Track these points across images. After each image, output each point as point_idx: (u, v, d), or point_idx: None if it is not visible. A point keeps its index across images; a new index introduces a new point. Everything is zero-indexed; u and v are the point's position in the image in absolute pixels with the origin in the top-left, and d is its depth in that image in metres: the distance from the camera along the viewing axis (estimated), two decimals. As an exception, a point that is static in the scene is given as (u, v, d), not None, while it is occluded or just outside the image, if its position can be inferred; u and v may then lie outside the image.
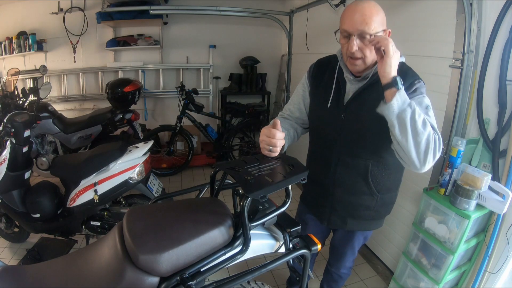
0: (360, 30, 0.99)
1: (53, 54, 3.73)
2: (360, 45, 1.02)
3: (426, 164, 0.95)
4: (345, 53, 1.08)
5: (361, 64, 1.07)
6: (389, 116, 0.94)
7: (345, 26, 1.02)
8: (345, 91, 1.16)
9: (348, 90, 1.15)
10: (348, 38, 1.03)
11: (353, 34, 1.01)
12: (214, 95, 4.28)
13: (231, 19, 3.94)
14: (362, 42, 1.02)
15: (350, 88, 1.15)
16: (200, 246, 0.85)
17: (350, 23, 1.01)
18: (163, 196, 1.28)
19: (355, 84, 1.14)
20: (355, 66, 1.08)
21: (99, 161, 1.94)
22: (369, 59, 1.06)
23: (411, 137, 0.92)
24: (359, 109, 1.11)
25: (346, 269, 1.51)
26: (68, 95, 3.84)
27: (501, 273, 1.46)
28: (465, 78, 1.53)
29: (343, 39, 1.06)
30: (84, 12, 3.52)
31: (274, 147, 0.99)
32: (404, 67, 1.10)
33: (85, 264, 0.89)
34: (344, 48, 1.07)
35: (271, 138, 0.99)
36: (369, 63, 1.07)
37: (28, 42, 3.54)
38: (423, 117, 0.94)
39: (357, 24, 0.99)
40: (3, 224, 2.22)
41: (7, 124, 1.91)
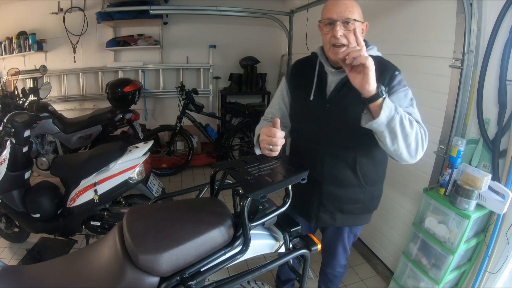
0: (344, 17, 1.04)
1: (53, 54, 3.73)
2: (345, 31, 1.06)
3: (416, 157, 1.02)
4: (328, 41, 1.10)
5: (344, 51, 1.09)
6: (379, 128, 0.95)
7: (329, 14, 1.07)
8: (327, 83, 1.18)
9: (330, 82, 1.17)
10: (332, 25, 1.07)
11: (337, 20, 1.05)
12: (214, 95, 4.28)
13: (231, 19, 3.94)
14: (345, 28, 1.05)
15: (332, 79, 1.17)
16: (200, 246, 0.85)
17: (335, 11, 1.06)
18: (163, 196, 1.29)
19: (337, 75, 1.16)
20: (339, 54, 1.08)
21: (99, 161, 1.94)
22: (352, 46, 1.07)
23: (402, 141, 0.97)
24: (343, 100, 1.12)
25: (341, 267, 1.51)
26: (68, 95, 3.85)
27: (501, 273, 1.46)
28: (465, 78, 1.53)
29: (326, 27, 1.09)
30: (84, 12, 3.52)
31: (275, 146, 0.99)
32: (382, 60, 1.14)
33: (85, 264, 0.89)
34: (327, 36, 1.09)
35: (272, 137, 0.99)
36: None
37: (28, 42, 3.54)
38: (408, 117, 0.97)
39: (341, 11, 1.05)
40: (3, 224, 2.22)
41: (7, 124, 1.91)
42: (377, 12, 2.14)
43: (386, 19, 2.06)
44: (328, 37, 1.09)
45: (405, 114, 0.97)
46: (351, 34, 1.05)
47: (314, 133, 1.20)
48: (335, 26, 1.05)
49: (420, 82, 1.79)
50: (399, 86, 1.08)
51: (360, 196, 1.23)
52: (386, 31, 2.06)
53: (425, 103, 1.76)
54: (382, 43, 2.22)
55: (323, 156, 1.18)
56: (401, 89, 1.08)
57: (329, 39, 1.08)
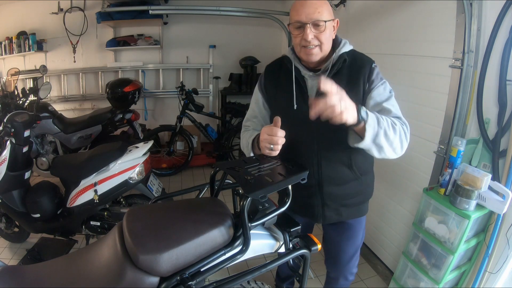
0: (313, 19, 1.03)
1: (53, 54, 3.73)
2: (315, 33, 1.05)
3: (402, 152, 1.05)
4: (298, 44, 1.08)
5: (318, 53, 1.08)
6: (366, 147, 0.98)
7: (298, 17, 1.04)
8: (308, 88, 1.15)
9: (311, 86, 1.15)
10: (302, 28, 1.05)
11: (307, 23, 1.03)
12: (214, 95, 4.28)
13: (231, 19, 3.94)
14: (316, 30, 1.04)
15: (312, 84, 1.15)
16: (200, 246, 0.85)
17: (303, 14, 1.03)
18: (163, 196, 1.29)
19: (316, 79, 1.13)
20: (311, 55, 1.08)
21: (99, 161, 1.94)
22: (325, 45, 1.08)
23: (388, 148, 0.99)
24: None
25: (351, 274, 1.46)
26: (68, 95, 3.84)
27: (501, 273, 1.46)
28: (465, 78, 1.53)
29: (296, 30, 1.07)
30: (84, 12, 3.52)
31: (276, 145, 0.99)
32: (356, 54, 1.15)
33: (85, 264, 0.89)
34: (297, 39, 1.07)
35: (273, 136, 0.98)
36: (326, 50, 1.09)
37: (28, 42, 3.54)
38: (390, 122, 0.99)
39: (310, 13, 1.02)
40: (3, 224, 2.22)
41: (7, 124, 1.92)
42: (377, 12, 2.14)
43: (386, 19, 2.06)
44: (298, 40, 1.08)
45: (388, 121, 0.99)
46: (323, 34, 1.05)
47: (305, 141, 1.18)
48: (305, 29, 1.03)
49: (420, 82, 1.79)
50: (378, 80, 1.10)
51: (359, 188, 1.24)
52: (386, 31, 2.06)
53: (425, 103, 1.76)
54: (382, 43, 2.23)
55: (319, 161, 1.18)
56: (379, 83, 1.09)
57: (300, 41, 1.07)
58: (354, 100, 1.02)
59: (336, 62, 1.10)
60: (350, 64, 1.11)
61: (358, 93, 1.10)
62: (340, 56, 1.11)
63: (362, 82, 1.10)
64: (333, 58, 1.11)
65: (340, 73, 1.11)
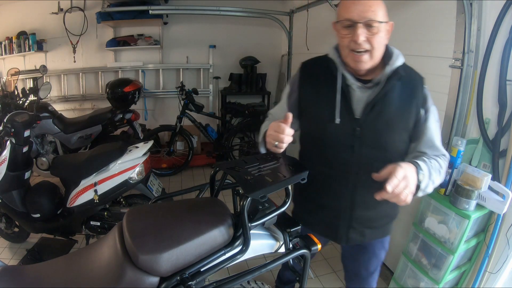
0: (367, 17, 0.89)
1: (53, 54, 3.73)
2: (368, 35, 0.90)
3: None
4: (346, 46, 0.94)
5: (367, 60, 0.94)
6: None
7: (349, 14, 0.91)
8: (353, 101, 1.01)
9: (358, 100, 1.00)
10: (352, 28, 0.91)
11: (359, 22, 0.89)
12: (214, 95, 4.28)
13: (231, 19, 3.94)
14: (369, 31, 0.90)
15: (359, 97, 1.00)
16: (200, 246, 0.85)
17: (355, 11, 0.89)
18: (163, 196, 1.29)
19: (365, 91, 1.00)
20: (360, 62, 0.94)
21: (99, 161, 1.94)
22: (377, 51, 0.93)
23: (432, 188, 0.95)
24: (377, 122, 0.99)
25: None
26: (68, 95, 3.85)
27: (501, 273, 1.46)
28: (465, 78, 1.53)
29: (345, 30, 0.93)
30: (84, 12, 3.52)
31: (281, 143, 0.92)
32: (409, 70, 1.02)
33: (85, 264, 0.89)
34: (345, 40, 0.93)
35: (279, 133, 0.92)
36: (377, 58, 0.95)
37: (28, 42, 3.54)
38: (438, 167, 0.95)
39: (363, 11, 0.89)
40: (3, 224, 2.22)
41: (7, 124, 1.91)
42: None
43: (386, 19, 2.06)
44: (346, 41, 0.93)
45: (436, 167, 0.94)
46: (376, 38, 0.91)
47: (342, 161, 1.04)
48: (356, 29, 0.89)
49: (420, 82, 1.79)
50: (432, 107, 1.01)
51: (388, 210, 1.16)
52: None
53: (425, 103, 1.76)
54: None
55: (354, 185, 1.05)
56: (431, 112, 1.00)
57: (348, 43, 0.93)
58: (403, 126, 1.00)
59: (390, 76, 0.97)
60: (403, 82, 0.99)
61: (408, 119, 1.00)
62: (396, 70, 0.97)
63: (415, 107, 0.99)
64: (386, 70, 0.97)
65: (392, 91, 0.98)
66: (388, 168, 0.83)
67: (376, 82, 0.99)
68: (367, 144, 1.00)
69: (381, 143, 1.00)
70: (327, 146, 1.04)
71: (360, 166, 1.02)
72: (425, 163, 0.92)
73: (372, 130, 0.99)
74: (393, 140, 1.01)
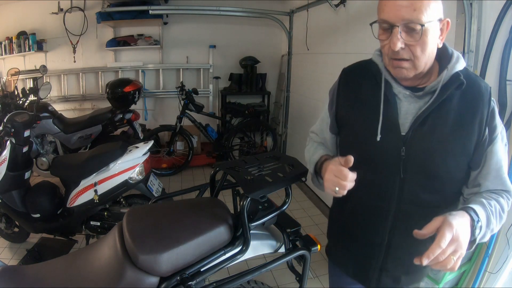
0: (406, 19, 0.69)
1: (53, 54, 3.73)
2: (408, 41, 0.72)
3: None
4: (385, 54, 0.78)
5: (410, 68, 0.75)
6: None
7: (385, 14, 0.72)
8: (399, 113, 0.82)
9: (406, 112, 0.82)
10: (390, 31, 0.73)
11: (395, 24, 0.71)
12: (214, 95, 4.28)
13: (231, 19, 3.94)
14: (410, 37, 0.71)
15: (407, 108, 0.82)
16: (200, 246, 0.85)
17: (392, 10, 0.70)
18: (163, 196, 1.28)
19: (414, 102, 0.81)
20: (402, 70, 0.76)
21: (99, 161, 1.94)
22: (421, 61, 0.74)
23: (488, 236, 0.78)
24: (427, 140, 0.79)
25: None
26: (68, 95, 3.85)
27: (501, 273, 1.46)
28: (465, 78, 1.53)
29: (383, 33, 0.75)
30: (84, 12, 3.52)
31: (343, 190, 0.76)
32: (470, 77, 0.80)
33: (85, 264, 0.89)
34: (385, 47, 0.77)
35: (341, 180, 0.75)
36: (421, 67, 0.76)
37: (28, 42, 3.54)
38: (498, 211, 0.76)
39: (402, 10, 0.69)
40: (3, 224, 2.22)
41: (7, 124, 1.91)
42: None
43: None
44: (386, 49, 0.76)
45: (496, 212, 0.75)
46: (418, 45, 0.72)
47: (379, 187, 0.85)
48: (393, 34, 0.72)
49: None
50: (499, 126, 0.79)
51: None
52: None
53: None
54: (382, 43, 2.23)
55: (395, 217, 0.85)
56: (498, 133, 0.79)
57: (387, 51, 0.76)
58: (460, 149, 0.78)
59: (447, 84, 0.77)
60: (464, 92, 0.78)
61: (468, 140, 0.78)
62: (454, 76, 0.77)
63: (478, 125, 0.77)
64: (443, 76, 0.77)
65: (449, 103, 0.78)
66: (433, 223, 0.66)
67: (429, 90, 0.79)
68: (413, 168, 0.80)
69: (431, 168, 0.79)
70: (365, 169, 0.83)
71: (403, 198, 0.83)
72: (484, 208, 0.73)
73: (420, 151, 0.79)
74: (446, 165, 0.79)
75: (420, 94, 0.80)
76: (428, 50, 0.74)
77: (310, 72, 3.23)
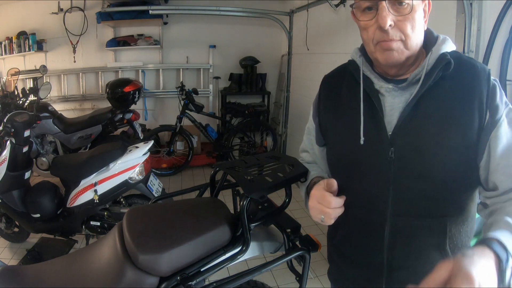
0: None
1: (53, 54, 3.73)
2: (396, 18, 0.63)
3: None
4: (370, 39, 0.67)
5: (401, 49, 0.65)
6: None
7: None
8: (384, 111, 0.71)
9: (390, 108, 0.71)
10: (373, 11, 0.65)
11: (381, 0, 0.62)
12: (214, 95, 4.29)
13: (231, 19, 3.94)
14: (397, 12, 0.63)
15: (391, 103, 0.71)
16: (200, 246, 0.85)
17: None
18: (163, 196, 1.29)
19: (399, 95, 0.70)
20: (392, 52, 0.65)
21: (99, 161, 1.94)
22: (412, 40, 0.65)
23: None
24: (418, 136, 0.67)
25: None
26: (68, 95, 3.85)
27: (501, 273, 1.45)
28: (465, 78, 1.53)
29: (363, 15, 0.66)
30: (84, 12, 3.52)
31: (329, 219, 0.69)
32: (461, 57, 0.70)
33: (85, 264, 0.89)
34: (368, 31, 0.67)
35: (324, 207, 0.68)
36: (413, 46, 0.66)
37: (28, 42, 3.55)
38: None
39: None
40: (3, 224, 2.22)
41: (7, 124, 1.92)
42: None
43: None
44: (370, 32, 0.66)
45: None
46: (408, 22, 0.63)
47: (370, 198, 0.73)
48: (380, 8, 0.62)
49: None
50: (503, 106, 0.65)
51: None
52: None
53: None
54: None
55: (391, 233, 0.72)
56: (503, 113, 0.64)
57: (372, 35, 0.66)
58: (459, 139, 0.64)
59: (432, 68, 0.66)
60: (455, 74, 0.66)
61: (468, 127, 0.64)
62: (440, 58, 0.67)
63: (477, 108, 0.64)
64: (427, 60, 0.67)
65: (438, 88, 0.67)
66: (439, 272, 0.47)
67: (414, 79, 0.68)
68: (405, 172, 0.68)
69: (426, 169, 0.66)
70: (352, 178, 0.74)
71: (398, 204, 0.70)
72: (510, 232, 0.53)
73: (412, 150, 0.67)
74: (444, 163, 0.65)
75: (404, 85, 0.70)
76: (417, 27, 0.65)
77: (310, 72, 3.23)
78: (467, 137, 0.65)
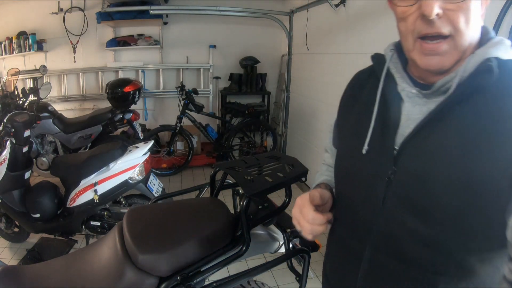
0: None
1: (53, 54, 3.73)
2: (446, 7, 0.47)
3: None
4: (410, 31, 0.51)
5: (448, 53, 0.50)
6: None
7: None
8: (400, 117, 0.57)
9: (406, 118, 0.57)
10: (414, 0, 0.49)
11: None
12: (214, 95, 4.29)
13: (231, 19, 3.94)
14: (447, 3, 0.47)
15: (409, 112, 0.57)
16: (200, 246, 0.85)
17: None
18: (163, 196, 1.29)
19: (422, 104, 0.55)
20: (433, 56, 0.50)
21: (99, 161, 1.94)
22: (465, 37, 0.49)
23: None
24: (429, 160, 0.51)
25: None
26: (68, 95, 3.85)
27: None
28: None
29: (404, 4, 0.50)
30: (84, 12, 3.52)
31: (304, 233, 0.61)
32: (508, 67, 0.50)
33: (85, 264, 0.89)
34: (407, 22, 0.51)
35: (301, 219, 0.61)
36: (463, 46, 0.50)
37: (28, 42, 3.54)
38: None
39: None
40: (3, 224, 2.22)
41: (7, 124, 1.91)
42: (377, 12, 2.14)
43: (386, 19, 2.06)
44: (410, 22, 0.50)
45: None
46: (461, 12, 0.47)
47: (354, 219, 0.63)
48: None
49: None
50: None
51: None
52: (387, 31, 2.06)
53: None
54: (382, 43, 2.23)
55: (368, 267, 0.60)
56: None
57: (413, 26, 0.50)
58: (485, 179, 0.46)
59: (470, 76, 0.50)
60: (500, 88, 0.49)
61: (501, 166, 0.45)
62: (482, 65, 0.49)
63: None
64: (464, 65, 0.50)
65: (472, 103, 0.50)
66: None
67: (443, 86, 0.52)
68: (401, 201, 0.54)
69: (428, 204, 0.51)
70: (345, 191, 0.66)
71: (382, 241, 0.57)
72: None
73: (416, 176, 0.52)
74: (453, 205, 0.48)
75: (429, 92, 0.53)
76: (472, 22, 0.48)
77: (310, 72, 3.23)
78: (495, 179, 0.45)
